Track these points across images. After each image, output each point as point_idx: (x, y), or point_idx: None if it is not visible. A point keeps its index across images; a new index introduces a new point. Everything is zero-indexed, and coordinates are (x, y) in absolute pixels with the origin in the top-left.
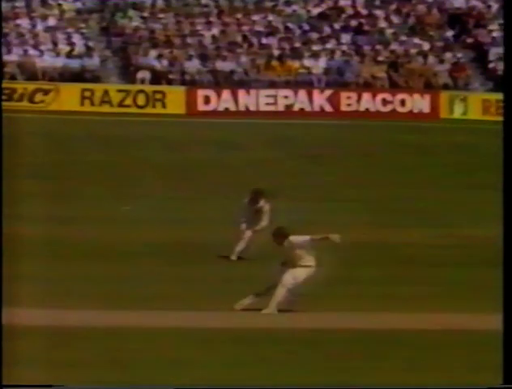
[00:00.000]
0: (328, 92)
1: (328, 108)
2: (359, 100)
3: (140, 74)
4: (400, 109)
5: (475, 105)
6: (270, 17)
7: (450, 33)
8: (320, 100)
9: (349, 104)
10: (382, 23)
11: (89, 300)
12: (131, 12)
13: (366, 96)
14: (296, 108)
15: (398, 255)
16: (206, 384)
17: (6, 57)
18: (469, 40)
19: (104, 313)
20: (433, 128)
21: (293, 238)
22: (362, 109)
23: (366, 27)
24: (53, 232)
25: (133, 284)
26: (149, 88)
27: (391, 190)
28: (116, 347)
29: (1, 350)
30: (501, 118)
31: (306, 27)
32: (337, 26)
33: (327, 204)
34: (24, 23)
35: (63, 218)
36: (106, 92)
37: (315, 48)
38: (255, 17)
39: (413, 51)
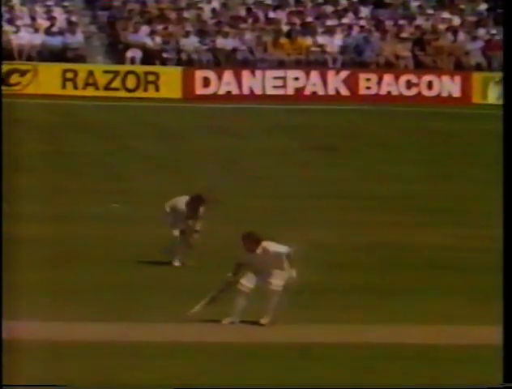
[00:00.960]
0: (344, 73)
1: (344, 91)
2: (380, 82)
3: (130, 53)
4: (427, 93)
5: None
6: None
7: (483, 6)
8: (335, 82)
9: (368, 87)
10: None
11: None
12: None
13: (388, 77)
14: (307, 91)
15: (426, 259)
16: (206, 384)
17: None
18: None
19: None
20: (463, 114)
21: (268, 245)
22: (383, 92)
23: (388, 0)
24: (36, 232)
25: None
26: (140, 69)
27: (417, 184)
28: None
29: (1, 349)
30: None
31: None
32: None
33: (343, 201)
34: None
35: (45, 215)
36: (91, 73)
37: (330, 23)
38: None
39: (441, 27)
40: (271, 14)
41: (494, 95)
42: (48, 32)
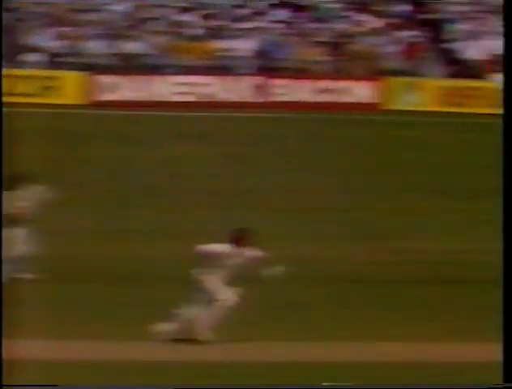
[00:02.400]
0: (256, 79)
1: (255, 98)
2: (292, 88)
3: (30, 57)
4: (340, 99)
5: (429, 93)
6: None
7: (399, 8)
8: (246, 88)
9: (281, 94)
10: None
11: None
12: None
13: (301, 83)
14: (216, 98)
15: (342, 273)
16: (206, 384)
17: None
18: (425, 16)
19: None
20: (376, 121)
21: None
22: (296, 98)
23: (303, 2)
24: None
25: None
26: (41, 74)
27: (332, 195)
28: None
29: (0, 349)
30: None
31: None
32: None
33: (255, 213)
34: None
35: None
36: None
37: (242, 26)
38: None
39: (358, 30)
40: (180, 17)
41: (408, 101)
42: None
